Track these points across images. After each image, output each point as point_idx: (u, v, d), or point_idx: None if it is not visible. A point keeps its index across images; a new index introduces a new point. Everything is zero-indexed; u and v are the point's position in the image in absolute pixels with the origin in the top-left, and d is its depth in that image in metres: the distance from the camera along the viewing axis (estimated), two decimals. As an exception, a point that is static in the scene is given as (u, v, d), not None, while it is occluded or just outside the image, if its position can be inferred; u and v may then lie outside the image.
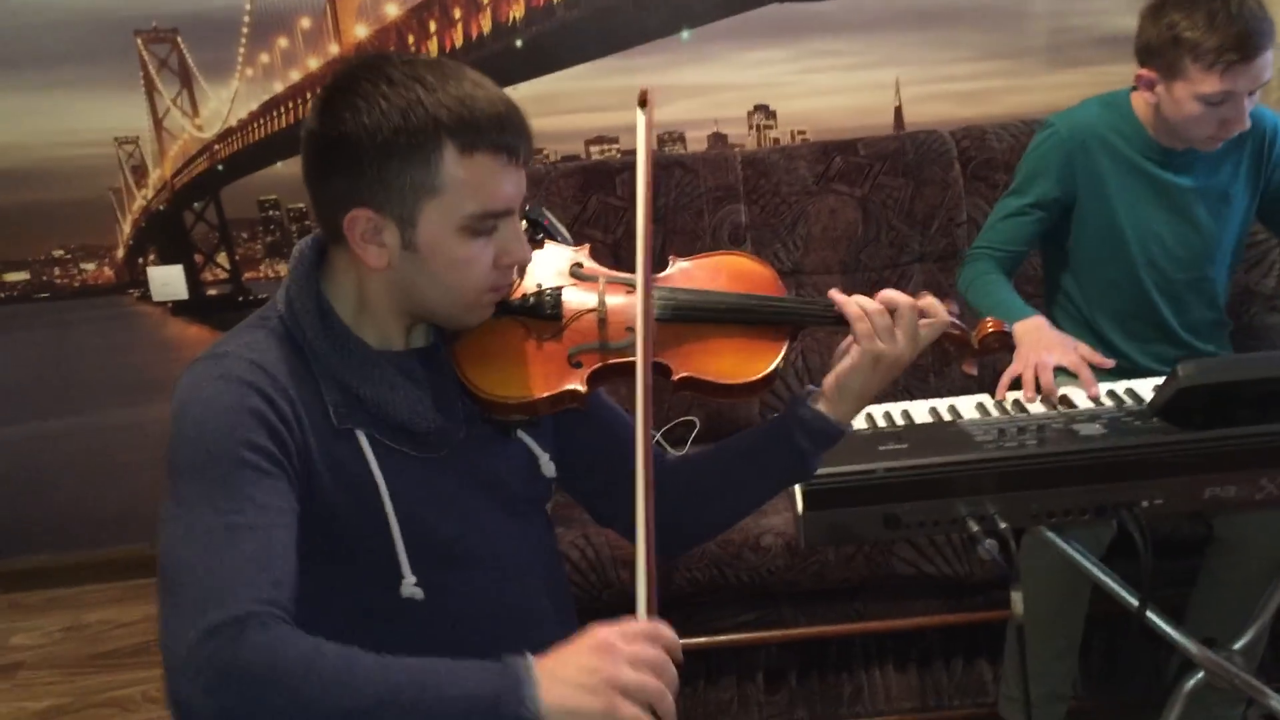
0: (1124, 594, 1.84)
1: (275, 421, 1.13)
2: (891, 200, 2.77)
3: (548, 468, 1.36)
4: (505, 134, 1.18)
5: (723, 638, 2.30)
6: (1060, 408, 1.89)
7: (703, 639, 2.30)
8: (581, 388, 1.28)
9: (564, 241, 1.40)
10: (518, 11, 2.97)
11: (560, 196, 2.72)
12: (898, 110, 3.06)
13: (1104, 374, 2.03)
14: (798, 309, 1.37)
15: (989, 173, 2.79)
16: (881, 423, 1.89)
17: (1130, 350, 2.18)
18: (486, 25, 2.98)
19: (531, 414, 1.29)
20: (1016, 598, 1.62)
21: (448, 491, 1.26)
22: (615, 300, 1.33)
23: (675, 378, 1.31)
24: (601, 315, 1.31)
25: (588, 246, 1.41)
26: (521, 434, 1.34)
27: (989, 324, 1.37)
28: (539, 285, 1.34)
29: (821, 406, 1.34)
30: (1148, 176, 2.13)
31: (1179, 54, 1.96)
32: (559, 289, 1.34)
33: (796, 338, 1.38)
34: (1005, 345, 1.37)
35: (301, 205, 3.10)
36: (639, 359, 1.18)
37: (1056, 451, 1.65)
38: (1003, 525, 1.63)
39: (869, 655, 2.36)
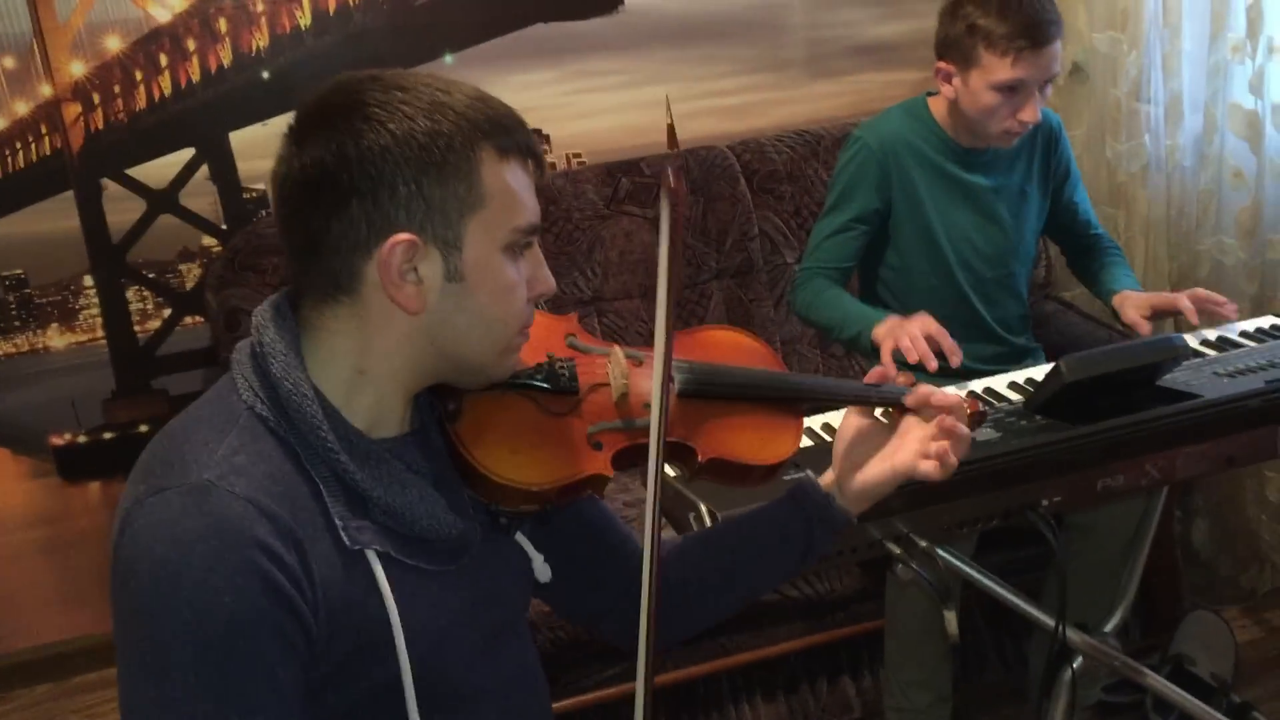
0: (1039, 615, 1.85)
1: (288, 588, 0.91)
2: (684, 219, 2.71)
3: (542, 571, 1.17)
4: (529, 139, 1.04)
5: (589, 696, 2.15)
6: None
7: (568, 701, 2.14)
8: (607, 473, 1.10)
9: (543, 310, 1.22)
10: (261, 40, 2.70)
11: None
12: (670, 128, 2.99)
13: (943, 376, 2.03)
14: (840, 390, 1.36)
15: (774, 185, 2.79)
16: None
17: (951, 353, 2.21)
18: (227, 57, 2.69)
19: (545, 504, 1.09)
20: (950, 618, 1.58)
21: (459, 615, 1.05)
22: (632, 375, 1.17)
23: (702, 459, 1.16)
24: (623, 390, 1.14)
25: (575, 316, 1.24)
26: (519, 534, 1.15)
27: (966, 407, 1.34)
28: (548, 356, 1.15)
29: (841, 503, 1.27)
30: (953, 179, 2.17)
31: (974, 42, 2.02)
32: (571, 359, 1.15)
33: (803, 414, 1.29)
34: (980, 422, 1.34)
35: (20, 271, 2.69)
36: (653, 437, 1.03)
37: (961, 461, 1.62)
38: (922, 543, 1.59)
39: (736, 690, 2.27)
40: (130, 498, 0.94)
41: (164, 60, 2.67)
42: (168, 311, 2.78)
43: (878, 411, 1.35)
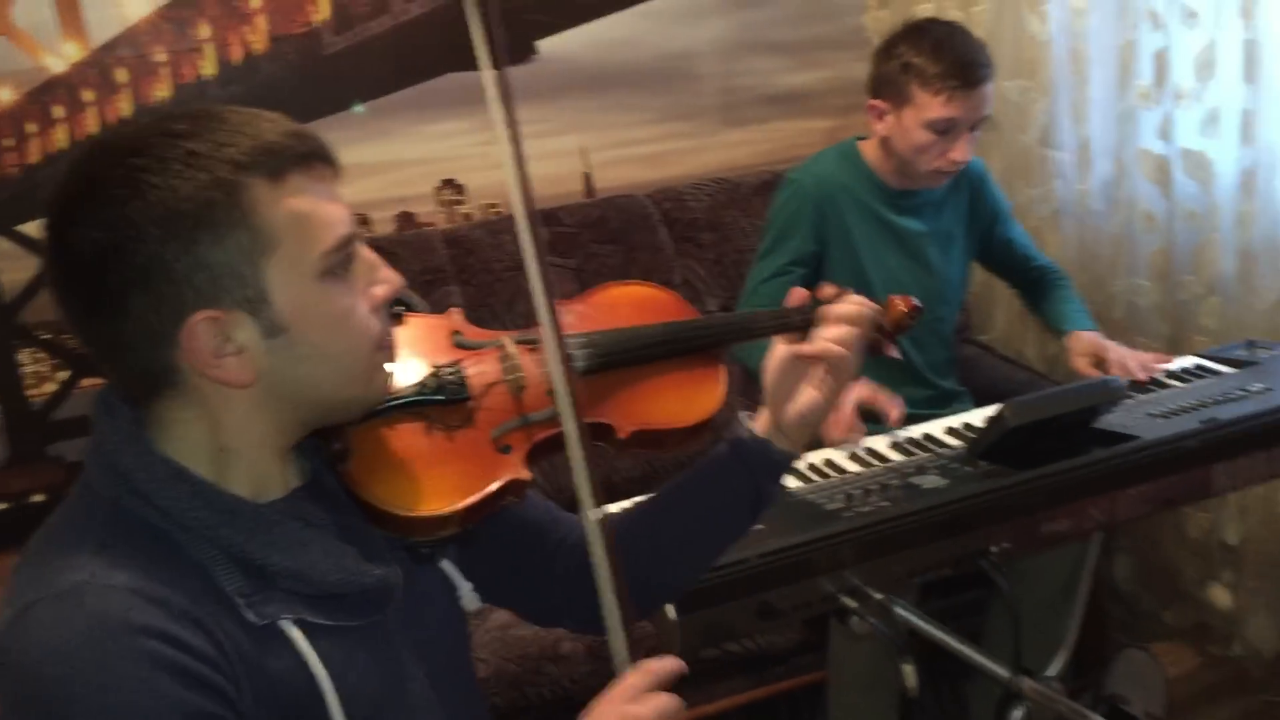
0: (993, 666, 1.81)
1: (200, 668, 0.83)
2: (606, 268, 2.68)
3: (470, 600, 1.10)
4: (306, 142, 0.92)
5: (529, 765, 2.06)
6: (871, 460, 1.84)
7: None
8: (524, 476, 1.03)
9: (425, 310, 1.15)
10: (163, 91, 2.60)
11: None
12: (587, 177, 2.97)
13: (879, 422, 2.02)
14: (753, 323, 1.26)
15: (694, 233, 2.77)
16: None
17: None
18: (127, 108, 2.58)
19: (465, 525, 1.01)
20: (909, 670, 1.54)
21: (396, 668, 0.98)
22: (526, 364, 1.10)
23: (623, 434, 1.10)
24: (519, 384, 1.08)
25: (460, 311, 1.16)
26: (446, 561, 1.08)
27: (898, 302, 1.29)
28: (433, 366, 1.07)
29: (780, 443, 1.20)
30: (885, 222, 2.17)
31: (907, 80, 2.04)
32: (457, 363, 1.08)
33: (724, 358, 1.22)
34: (916, 318, 1.29)
35: (-97, 334, 2.53)
36: (565, 420, 0.97)
37: (911, 510, 1.60)
38: (877, 596, 1.56)
39: (676, 751, 2.20)
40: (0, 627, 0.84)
41: (59, 111, 2.55)
42: (65, 374, 2.64)
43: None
